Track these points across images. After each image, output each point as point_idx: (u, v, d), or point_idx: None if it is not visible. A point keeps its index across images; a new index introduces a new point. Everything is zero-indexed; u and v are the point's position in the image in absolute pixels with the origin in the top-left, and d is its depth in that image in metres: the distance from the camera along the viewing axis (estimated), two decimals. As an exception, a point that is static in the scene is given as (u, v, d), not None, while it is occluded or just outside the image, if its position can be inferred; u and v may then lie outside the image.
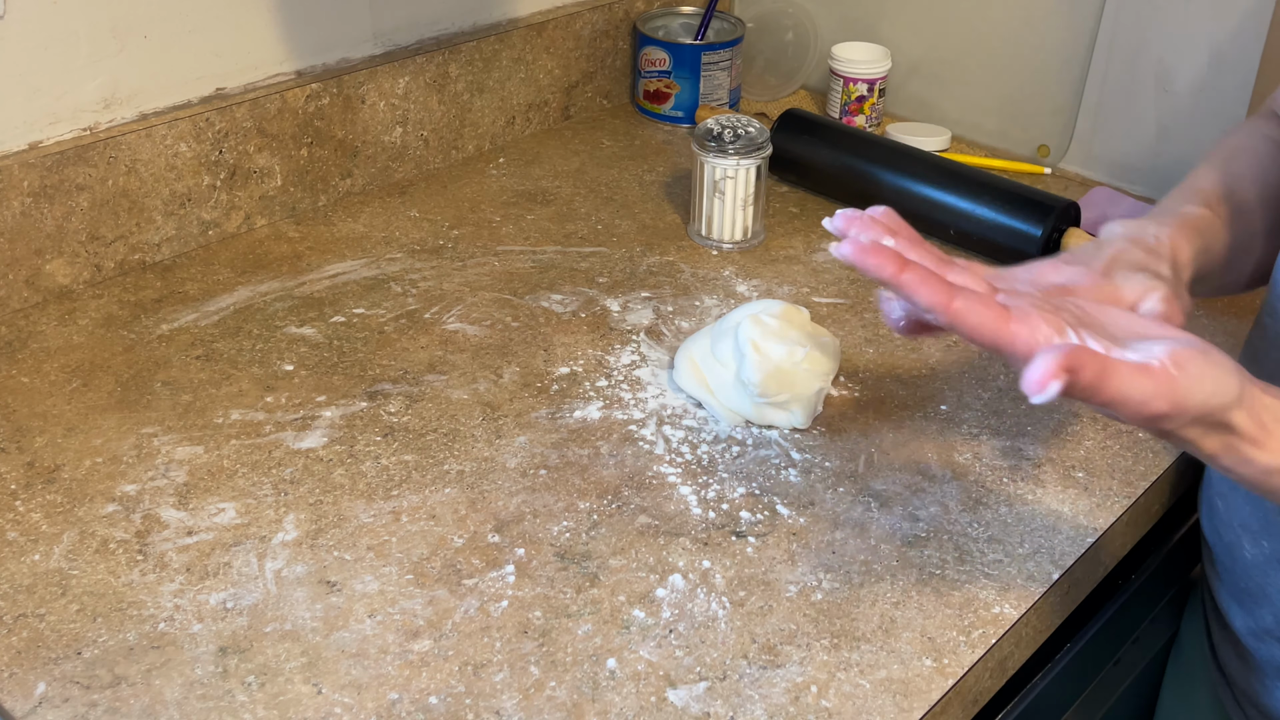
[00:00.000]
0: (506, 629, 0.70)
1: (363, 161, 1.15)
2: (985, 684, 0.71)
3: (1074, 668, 0.84)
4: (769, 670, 0.68)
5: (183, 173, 1.02)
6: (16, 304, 0.96)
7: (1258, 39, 1.08)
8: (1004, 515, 0.79)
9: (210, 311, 0.97)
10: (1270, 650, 0.78)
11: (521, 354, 0.93)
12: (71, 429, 0.84)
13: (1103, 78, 1.19)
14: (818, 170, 1.18)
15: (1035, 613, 0.73)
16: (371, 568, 0.73)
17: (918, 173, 1.11)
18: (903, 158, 1.13)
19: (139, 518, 0.77)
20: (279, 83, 1.08)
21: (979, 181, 1.09)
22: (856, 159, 1.15)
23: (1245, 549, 0.78)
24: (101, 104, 0.98)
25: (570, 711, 0.65)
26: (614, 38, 1.34)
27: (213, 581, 0.72)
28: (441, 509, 0.78)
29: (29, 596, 0.71)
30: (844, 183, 1.15)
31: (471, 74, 1.21)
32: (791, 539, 0.77)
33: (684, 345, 0.90)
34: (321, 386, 0.89)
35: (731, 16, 1.36)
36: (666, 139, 1.30)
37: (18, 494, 0.78)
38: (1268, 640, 0.78)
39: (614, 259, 1.07)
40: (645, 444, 0.84)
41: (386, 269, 1.04)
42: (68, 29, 0.94)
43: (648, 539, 0.76)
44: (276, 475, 0.80)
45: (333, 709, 0.65)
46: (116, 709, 0.64)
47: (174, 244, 1.04)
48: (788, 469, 0.83)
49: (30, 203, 0.94)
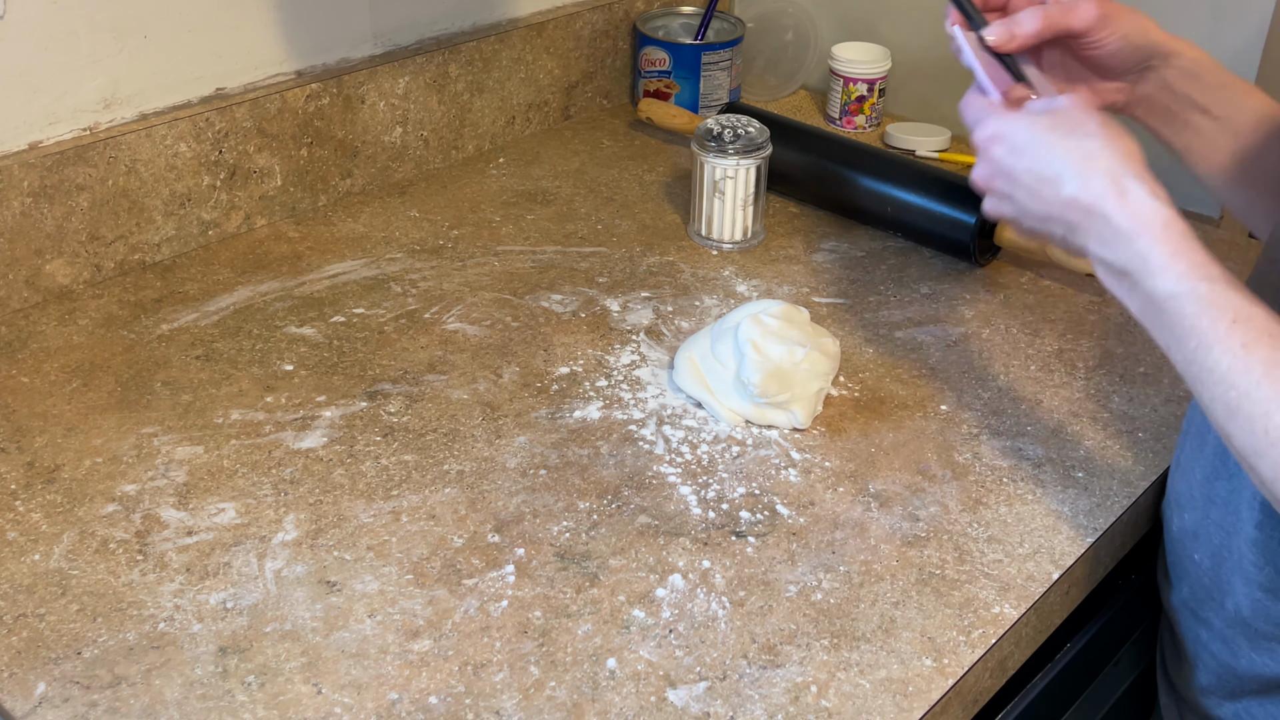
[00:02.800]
0: (506, 629, 0.70)
1: (363, 161, 1.15)
2: (985, 684, 0.71)
3: (1074, 668, 0.84)
4: (769, 670, 0.68)
5: (183, 173, 1.02)
6: (16, 304, 0.96)
7: (1258, 39, 1.08)
8: (1004, 515, 0.79)
9: (210, 311, 0.97)
10: (1188, 623, 0.78)
11: (521, 354, 0.93)
12: (71, 429, 0.84)
13: (1103, 78, 1.19)
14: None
15: (1035, 613, 0.73)
16: (371, 568, 0.73)
17: (858, 163, 1.13)
18: (845, 149, 1.15)
19: (139, 518, 0.77)
20: (279, 83, 1.08)
21: (917, 172, 1.12)
22: (801, 153, 1.15)
23: (1172, 523, 0.79)
24: (101, 104, 0.98)
25: (570, 711, 0.65)
26: (614, 38, 1.34)
27: (213, 581, 0.72)
28: (441, 509, 0.78)
29: (29, 596, 0.71)
30: (789, 176, 1.16)
31: (471, 74, 1.21)
32: (791, 539, 0.77)
33: (684, 345, 0.90)
34: (321, 386, 0.89)
35: (731, 16, 1.36)
36: (667, 139, 1.30)
37: (18, 494, 0.78)
38: (1184, 612, 0.78)
39: (614, 259, 1.07)
40: (645, 444, 0.84)
41: (386, 269, 1.04)
42: (68, 29, 0.94)
43: (648, 539, 0.76)
44: (276, 475, 0.80)
45: (333, 709, 0.65)
46: (116, 709, 0.64)
47: (174, 244, 1.04)
48: (788, 469, 0.83)
49: (30, 203, 0.94)
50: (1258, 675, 0.72)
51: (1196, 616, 0.77)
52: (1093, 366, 0.94)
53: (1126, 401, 0.90)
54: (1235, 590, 0.73)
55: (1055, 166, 0.69)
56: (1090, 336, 0.98)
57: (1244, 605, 0.72)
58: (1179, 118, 0.82)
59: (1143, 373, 0.94)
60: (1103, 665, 0.89)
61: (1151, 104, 0.82)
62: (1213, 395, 0.62)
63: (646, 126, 1.32)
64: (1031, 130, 0.70)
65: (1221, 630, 0.74)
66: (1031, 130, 0.70)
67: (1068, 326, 0.99)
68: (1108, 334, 0.98)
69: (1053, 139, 0.70)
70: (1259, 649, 0.72)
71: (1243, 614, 0.72)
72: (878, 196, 1.11)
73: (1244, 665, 0.73)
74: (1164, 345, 0.66)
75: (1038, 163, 0.70)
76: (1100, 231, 0.67)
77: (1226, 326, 0.62)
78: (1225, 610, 0.74)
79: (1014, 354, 0.96)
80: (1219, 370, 0.61)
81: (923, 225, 1.09)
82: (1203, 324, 0.62)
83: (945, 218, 1.06)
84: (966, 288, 1.04)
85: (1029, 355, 0.96)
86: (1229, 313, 0.62)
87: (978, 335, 0.98)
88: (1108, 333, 0.98)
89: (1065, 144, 0.69)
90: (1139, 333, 0.98)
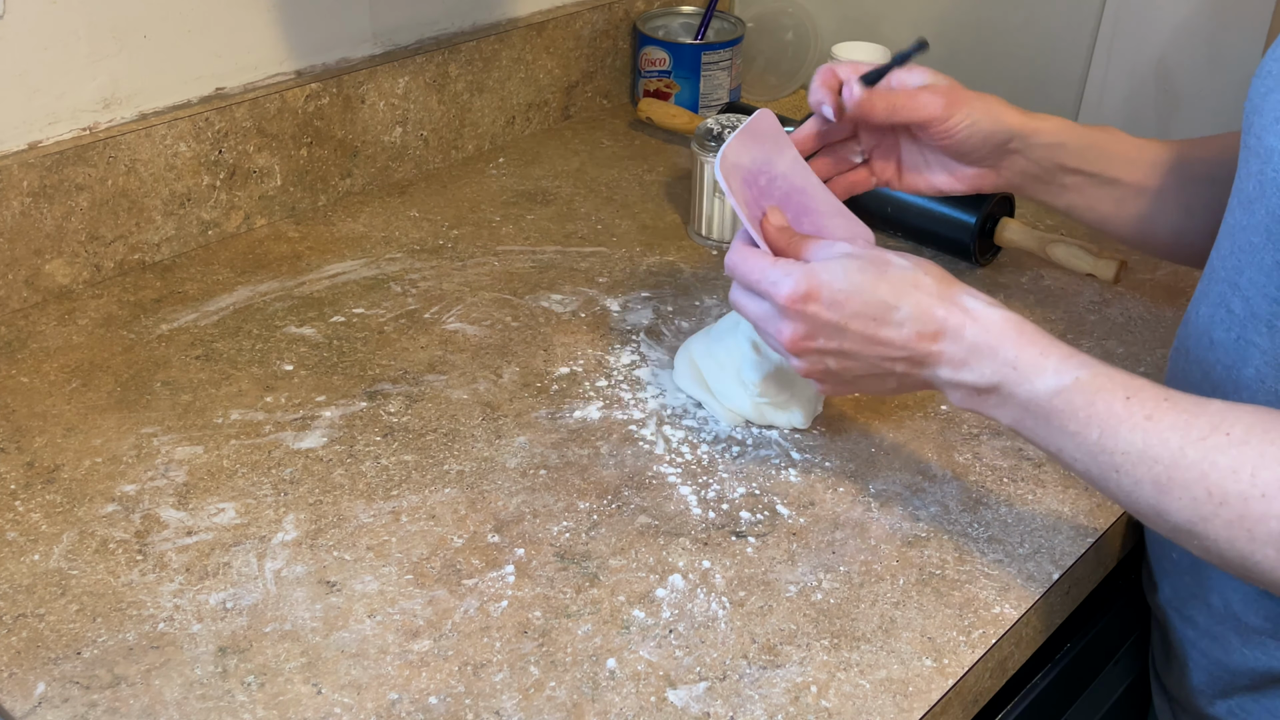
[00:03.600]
0: (506, 629, 0.70)
1: (362, 161, 1.15)
2: (985, 684, 0.71)
3: (1074, 668, 0.84)
4: (769, 670, 0.68)
5: (182, 173, 1.02)
6: (16, 304, 0.96)
7: (1258, 39, 1.08)
8: (1004, 515, 0.79)
9: (210, 311, 0.97)
10: (1175, 622, 0.78)
11: (521, 354, 0.93)
12: (71, 429, 0.84)
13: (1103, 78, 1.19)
14: None
15: (1035, 613, 0.73)
16: (371, 568, 0.73)
17: None
18: None
19: (139, 518, 0.77)
20: (279, 83, 1.08)
21: None
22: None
23: None
24: (101, 104, 0.98)
25: (570, 711, 0.65)
26: (614, 37, 1.34)
27: (212, 581, 0.72)
28: (441, 509, 0.78)
29: (29, 596, 0.71)
30: None
31: (471, 74, 1.21)
32: (791, 539, 0.77)
33: (684, 345, 0.90)
34: (321, 386, 0.89)
35: (731, 16, 1.36)
36: (667, 139, 1.30)
37: (17, 494, 0.78)
38: (1170, 611, 0.79)
39: (614, 259, 1.07)
40: (645, 444, 0.84)
41: (386, 269, 1.04)
42: (67, 29, 0.94)
43: (648, 539, 0.76)
44: (276, 475, 0.80)
45: (332, 709, 0.65)
46: (116, 709, 0.64)
47: (174, 244, 1.04)
48: (788, 469, 0.83)
49: (30, 203, 0.94)
50: (1250, 670, 0.72)
51: (1182, 615, 0.77)
52: (1093, 366, 0.94)
53: (1126, 401, 0.90)
54: (1220, 585, 0.73)
55: (886, 304, 0.68)
56: (1090, 336, 0.98)
57: (1234, 600, 0.72)
58: (1054, 183, 0.84)
59: (1143, 372, 0.93)
60: (1103, 665, 0.89)
61: (1022, 179, 0.84)
62: (1135, 478, 0.61)
63: (646, 126, 1.32)
64: (847, 276, 0.69)
65: (1209, 627, 0.74)
66: (847, 276, 0.69)
67: (1068, 326, 0.99)
68: (1108, 334, 0.98)
69: (871, 279, 0.68)
70: (1250, 644, 0.71)
71: (1233, 609, 0.72)
72: (878, 196, 1.11)
73: (1236, 661, 0.73)
74: (1055, 447, 0.65)
75: (867, 306, 0.68)
76: (952, 355, 0.67)
77: (1123, 405, 0.61)
78: (1212, 607, 0.74)
79: (1014, 354, 0.96)
80: (1134, 450, 0.61)
81: (923, 225, 1.09)
82: (1099, 409, 0.62)
83: (945, 218, 1.06)
84: (966, 288, 1.04)
85: (1029, 355, 0.95)
86: (1120, 390, 0.62)
87: (978, 335, 0.98)
88: (1108, 333, 0.98)
89: (885, 281, 0.68)
90: (1139, 333, 0.98)
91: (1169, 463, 0.59)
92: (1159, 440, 0.60)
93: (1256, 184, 0.65)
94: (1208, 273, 0.72)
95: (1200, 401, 0.61)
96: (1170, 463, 0.59)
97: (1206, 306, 0.72)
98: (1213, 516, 0.58)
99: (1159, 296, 1.03)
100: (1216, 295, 0.70)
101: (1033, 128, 0.81)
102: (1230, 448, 0.58)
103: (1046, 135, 0.81)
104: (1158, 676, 0.84)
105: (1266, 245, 0.65)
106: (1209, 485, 0.58)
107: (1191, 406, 0.61)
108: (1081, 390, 0.63)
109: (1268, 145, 0.64)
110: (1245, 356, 0.67)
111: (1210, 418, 0.59)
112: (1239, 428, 0.58)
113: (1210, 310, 0.71)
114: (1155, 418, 0.60)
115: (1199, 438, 0.59)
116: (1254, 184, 0.66)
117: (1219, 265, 0.71)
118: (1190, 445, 0.59)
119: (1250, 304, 0.66)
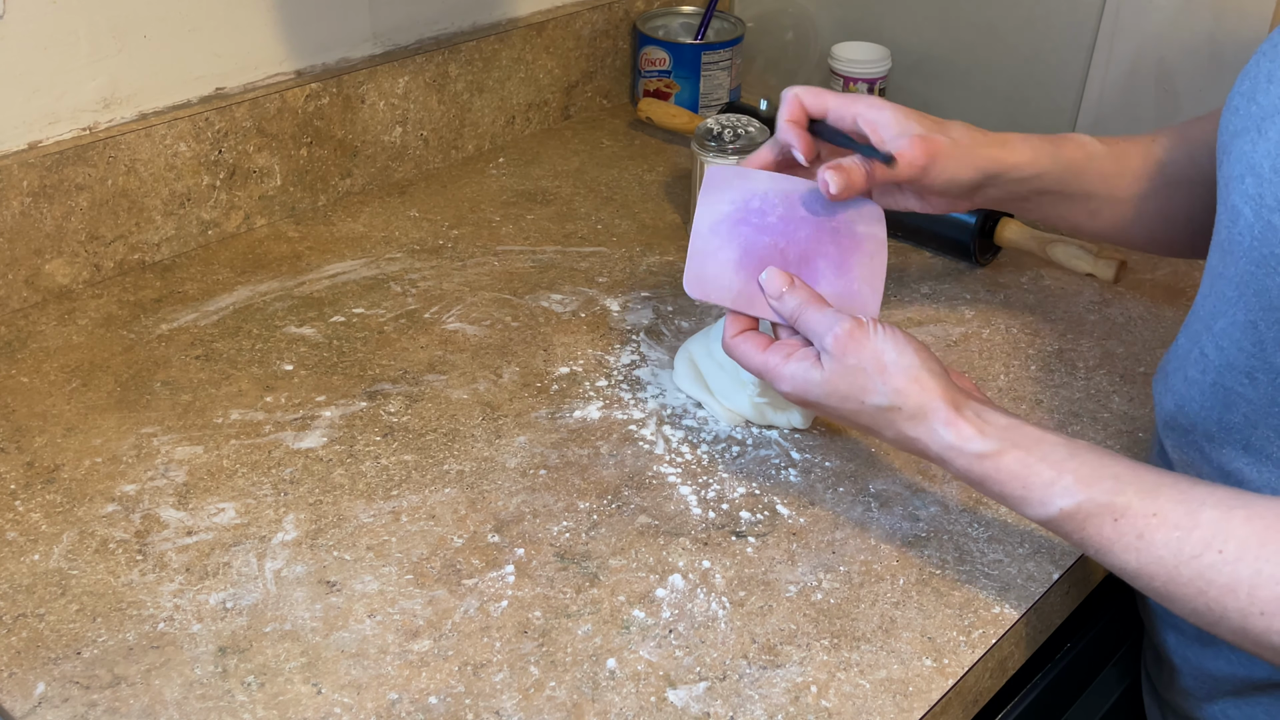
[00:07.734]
0: (506, 629, 0.70)
1: (362, 161, 1.15)
2: (985, 684, 0.71)
3: (1074, 668, 0.84)
4: (769, 670, 0.68)
5: (182, 172, 1.02)
6: (16, 304, 0.96)
7: (1258, 39, 1.08)
8: (1004, 515, 0.79)
9: (210, 311, 0.97)
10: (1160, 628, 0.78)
11: (521, 354, 0.93)
12: (71, 429, 0.84)
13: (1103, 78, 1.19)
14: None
15: (1035, 613, 0.73)
16: (371, 568, 0.73)
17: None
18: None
19: (138, 518, 0.77)
20: (279, 82, 1.08)
21: None
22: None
23: None
24: (101, 104, 0.98)
25: (570, 711, 0.65)
26: (614, 37, 1.34)
27: (212, 581, 0.72)
28: (441, 509, 0.78)
29: (29, 596, 0.71)
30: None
31: (471, 74, 1.21)
32: (791, 539, 0.77)
33: (684, 345, 0.90)
34: (321, 386, 0.89)
35: (731, 16, 1.36)
36: (667, 139, 1.30)
37: (17, 494, 0.78)
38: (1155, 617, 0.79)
39: (614, 259, 1.07)
40: (645, 444, 0.84)
41: (386, 269, 1.04)
42: (67, 29, 0.94)
43: (648, 539, 0.76)
44: (276, 475, 0.80)
45: (332, 709, 0.65)
46: (116, 709, 0.64)
47: (173, 244, 1.04)
48: (788, 469, 0.83)
49: (30, 202, 0.94)
50: (1233, 677, 0.72)
51: (1168, 623, 0.77)
52: (1093, 366, 0.94)
53: (1127, 401, 0.90)
54: None
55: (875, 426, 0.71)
56: (1090, 336, 0.98)
57: None
58: (1028, 202, 0.84)
59: (1143, 372, 0.94)
60: (1103, 665, 0.89)
61: (995, 202, 0.84)
62: (1137, 586, 0.62)
63: (646, 126, 1.32)
64: (833, 392, 0.71)
65: (1195, 633, 0.74)
66: (833, 392, 0.71)
67: (1068, 326, 0.99)
68: (1108, 334, 0.98)
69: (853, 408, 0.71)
70: (1234, 653, 0.71)
71: None
72: None
73: (1220, 668, 0.73)
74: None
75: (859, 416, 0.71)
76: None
77: (1112, 528, 0.62)
78: None
79: (1014, 354, 0.96)
80: (1129, 570, 0.62)
81: (923, 225, 1.08)
82: (1090, 536, 0.63)
83: (945, 218, 1.06)
84: (966, 288, 1.04)
85: (1029, 355, 0.96)
86: (1107, 515, 0.62)
87: (978, 335, 0.98)
88: (1108, 333, 0.98)
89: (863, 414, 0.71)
90: (1139, 333, 0.98)
91: (1165, 579, 0.60)
92: (1153, 560, 0.60)
93: (1228, 235, 0.65)
94: (1195, 302, 0.73)
95: (1191, 511, 0.60)
96: (1167, 579, 0.60)
97: (1186, 339, 0.72)
98: (1216, 624, 0.59)
99: (1159, 296, 1.03)
100: (1193, 333, 0.71)
101: (1010, 164, 0.80)
102: (1224, 565, 0.58)
103: (1024, 169, 0.80)
104: (1149, 679, 0.84)
105: (1239, 302, 0.65)
106: (1208, 601, 0.59)
107: (1183, 520, 0.60)
108: (1068, 520, 0.64)
109: (1233, 205, 0.64)
110: (1229, 403, 0.67)
111: (1203, 533, 0.59)
112: (1232, 544, 0.58)
113: (1188, 344, 0.72)
114: (1146, 537, 0.61)
115: (1192, 555, 0.59)
116: (1225, 234, 0.66)
117: (1200, 302, 0.71)
118: (1184, 565, 0.59)
119: (1224, 353, 0.67)
